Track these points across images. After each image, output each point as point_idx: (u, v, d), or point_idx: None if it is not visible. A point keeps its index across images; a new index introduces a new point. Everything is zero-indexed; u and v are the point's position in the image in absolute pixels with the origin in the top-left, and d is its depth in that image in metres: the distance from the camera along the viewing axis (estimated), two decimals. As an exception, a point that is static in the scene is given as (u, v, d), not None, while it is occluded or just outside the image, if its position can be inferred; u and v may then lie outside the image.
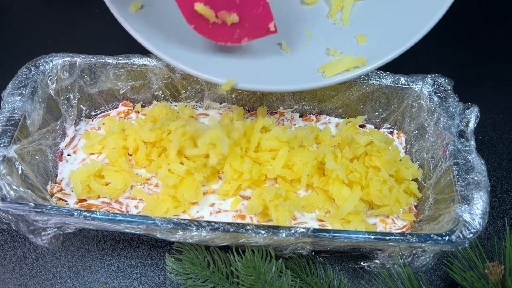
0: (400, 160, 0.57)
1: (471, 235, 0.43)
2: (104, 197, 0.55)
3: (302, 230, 0.43)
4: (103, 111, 0.64)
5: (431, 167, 0.54)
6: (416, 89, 0.58)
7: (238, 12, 0.48)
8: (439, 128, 0.53)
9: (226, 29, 0.49)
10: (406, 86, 0.58)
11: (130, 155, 0.58)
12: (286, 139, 0.55)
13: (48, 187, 0.55)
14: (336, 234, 0.43)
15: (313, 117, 0.64)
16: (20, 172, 0.49)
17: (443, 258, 0.46)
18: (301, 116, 0.65)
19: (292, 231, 0.43)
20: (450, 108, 0.53)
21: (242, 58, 0.53)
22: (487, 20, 0.88)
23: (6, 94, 0.52)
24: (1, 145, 0.48)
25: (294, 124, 0.63)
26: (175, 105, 0.64)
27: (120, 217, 0.44)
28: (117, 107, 0.64)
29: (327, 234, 0.43)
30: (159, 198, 0.54)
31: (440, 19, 0.47)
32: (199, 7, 0.47)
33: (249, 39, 0.50)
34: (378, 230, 0.53)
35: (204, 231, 0.43)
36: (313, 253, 0.50)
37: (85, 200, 0.55)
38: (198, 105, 0.65)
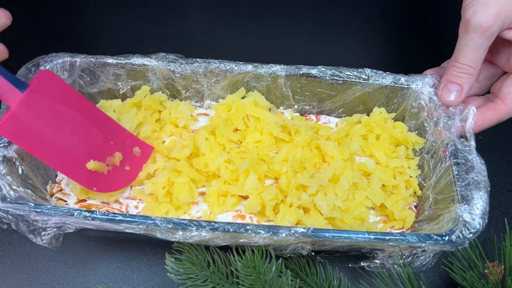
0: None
1: (471, 235, 0.43)
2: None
3: (302, 230, 0.43)
4: (103, 111, 0.64)
5: (431, 167, 0.54)
6: (416, 89, 0.58)
7: (117, 150, 0.54)
8: (439, 128, 0.53)
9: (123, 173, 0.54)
10: (406, 86, 0.58)
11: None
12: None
13: (48, 187, 0.55)
14: (336, 234, 0.43)
15: (313, 117, 0.64)
16: (20, 172, 0.49)
17: (443, 258, 0.46)
18: (301, 116, 0.65)
19: (292, 231, 0.43)
20: (450, 108, 0.53)
21: None
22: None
23: (6, 94, 0.52)
24: (1, 145, 0.48)
25: (294, 124, 0.63)
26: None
27: (120, 217, 0.44)
28: (117, 107, 0.64)
29: (327, 234, 0.43)
30: (158, 200, 0.54)
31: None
32: (91, 164, 0.51)
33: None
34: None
35: (204, 231, 0.43)
36: (313, 253, 0.50)
37: (84, 200, 0.55)
38: (198, 105, 0.65)
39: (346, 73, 0.58)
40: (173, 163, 0.55)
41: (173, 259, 0.49)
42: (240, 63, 0.59)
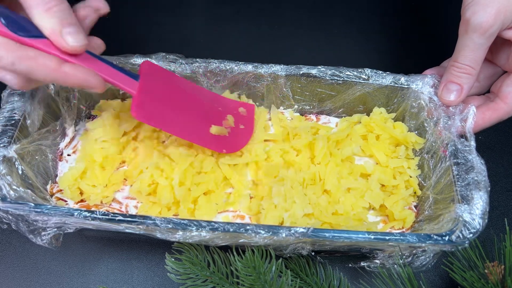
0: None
1: (471, 235, 0.43)
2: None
3: (302, 230, 0.43)
4: (103, 111, 0.64)
5: (431, 167, 0.54)
6: (416, 89, 0.58)
7: (227, 113, 0.57)
8: (439, 128, 0.53)
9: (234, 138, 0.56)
10: (406, 86, 0.58)
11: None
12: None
13: (48, 187, 0.55)
14: (336, 234, 0.43)
15: (313, 117, 0.64)
16: (20, 172, 0.49)
17: (443, 258, 0.46)
18: (301, 116, 0.65)
19: (292, 231, 0.43)
20: (450, 108, 0.53)
21: None
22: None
23: (6, 94, 0.52)
24: (1, 145, 0.48)
25: (294, 124, 0.63)
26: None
27: (120, 217, 0.44)
28: (117, 107, 0.64)
29: (327, 234, 0.43)
30: (152, 200, 0.54)
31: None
32: (214, 129, 0.54)
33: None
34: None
35: (204, 231, 0.43)
36: (313, 253, 0.50)
37: (84, 200, 0.55)
38: (198, 105, 0.65)
39: (346, 73, 0.58)
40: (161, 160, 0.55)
41: (173, 259, 0.49)
42: (240, 63, 0.59)
